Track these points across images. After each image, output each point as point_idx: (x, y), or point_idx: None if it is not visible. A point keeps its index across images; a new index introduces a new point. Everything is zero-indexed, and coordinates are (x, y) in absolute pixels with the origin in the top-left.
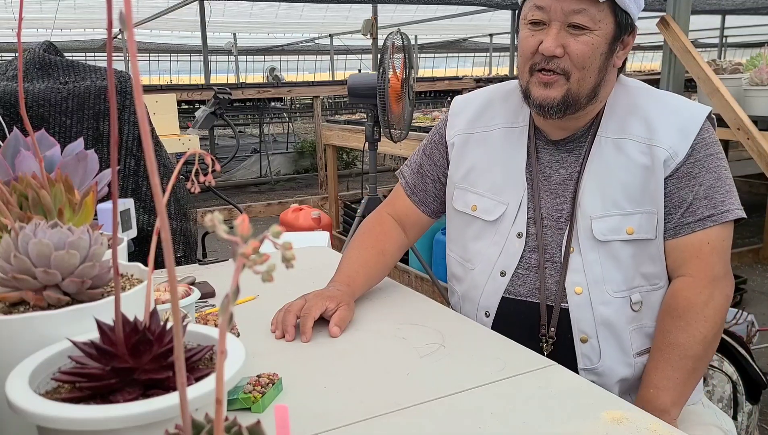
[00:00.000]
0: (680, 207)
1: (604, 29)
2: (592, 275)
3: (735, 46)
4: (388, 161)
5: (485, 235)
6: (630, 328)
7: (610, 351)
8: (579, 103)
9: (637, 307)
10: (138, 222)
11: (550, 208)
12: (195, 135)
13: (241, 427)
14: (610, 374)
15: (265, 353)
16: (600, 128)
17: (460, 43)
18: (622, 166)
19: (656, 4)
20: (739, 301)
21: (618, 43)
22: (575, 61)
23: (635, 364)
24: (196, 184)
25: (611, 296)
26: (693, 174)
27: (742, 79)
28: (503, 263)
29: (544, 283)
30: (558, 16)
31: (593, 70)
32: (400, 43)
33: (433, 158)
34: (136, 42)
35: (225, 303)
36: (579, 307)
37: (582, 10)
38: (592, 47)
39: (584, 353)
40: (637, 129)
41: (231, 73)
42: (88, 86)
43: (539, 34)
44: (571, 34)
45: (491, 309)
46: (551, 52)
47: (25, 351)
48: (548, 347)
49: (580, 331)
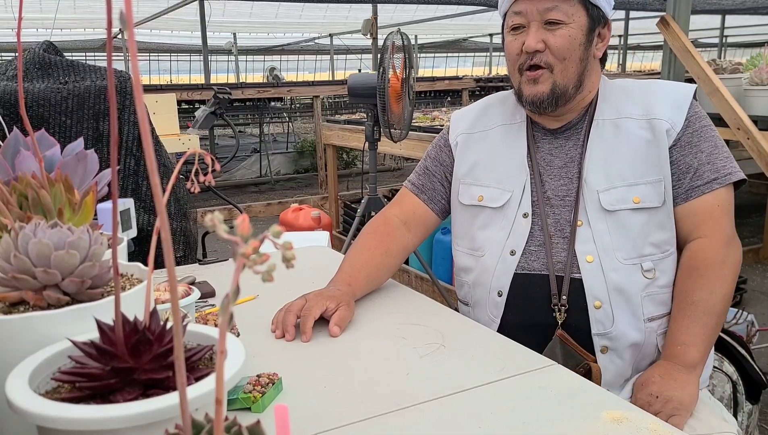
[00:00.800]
0: (687, 172)
1: (578, 21)
2: (602, 244)
3: (735, 46)
4: (388, 161)
5: (492, 223)
6: (642, 295)
7: (623, 316)
8: (567, 94)
9: (649, 275)
10: (138, 222)
11: (556, 189)
12: (195, 135)
13: (241, 427)
14: (622, 338)
15: (265, 353)
16: (596, 113)
17: (460, 43)
18: (623, 142)
19: (656, 4)
20: (739, 301)
21: (594, 34)
22: (556, 53)
23: (646, 329)
24: (196, 184)
25: (621, 263)
26: (693, 142)
27: (742, 79)
28: (512, 243)
29: (552, 257)
30: (535, 17)
31: (574, 60)
32: (400, 43)
33: (439, 159)
34: (136, 42)
35: (225, 303)
36: (591, 274)
37: (555, 6)
38: (570, 39)
39: (597, 319)
40: (634, 109)
41: (231, 73)
42: (88, 86)
43: (521, 37)
44: (548, 30)
45: (503, 288)
46: (533, 48)
47: (25, 351)
48: (561, 316)
49: (594, 298)
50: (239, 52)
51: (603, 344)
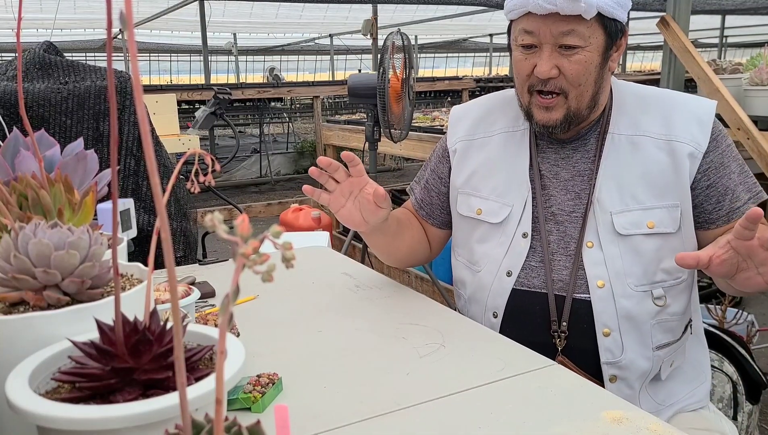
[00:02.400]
0: (726, 194)
1: (595, 43)
2: (614, 269)
3: (735, 46)
4: (388, 161)
5: (491, 237)
6: (651, 323)
7: (632, 344)
8: (581, 116)
9: (660, 302)
10: (138, 222)
11: (562, 204)
12: (195, 135)
13: (241, 427)
14: (632, 367)
15: (265, 353)
16: (610, 126)
17: (460, 43)
18: (639, 162)
19: (656, 4)
20: (739, 301)
21: (611, 51)
22: (571, 80)
23: (654, 358)
24: (196, 184)
25: (633, 290)
26: (725, 163)
27: (742, 79)
28: (509, 263)
29: (553, 275)
30: (548, 39)
31: (590, 84)
32: (400, 43)
33: (437, 172)
34: (136, 42)
35: (225, 303)
36: (602, 300)
37: (571, 31)
38: (586, 64)
39: (607, 347)
40: (653, 126)
41: (231, 73)
42: (88, 86)
43: (532, 57)
44: (563, 54)
45: (499, 309)
46: (546, 76)
47: (25, 351)
48: (561, 342)
49: (603, 325)
50: (239, 53)
51: (612, 373)
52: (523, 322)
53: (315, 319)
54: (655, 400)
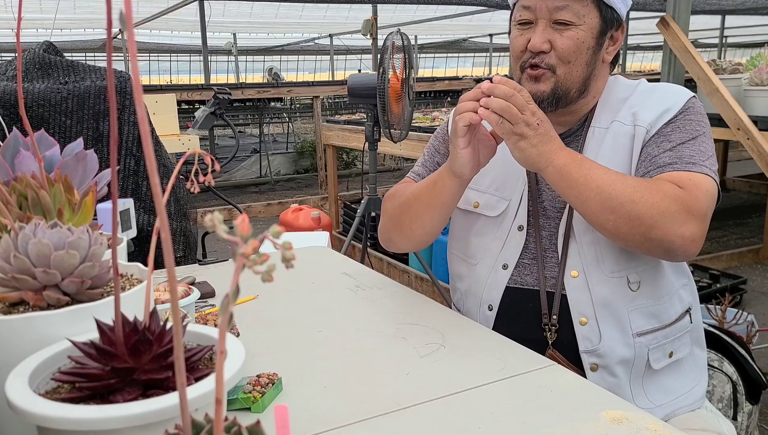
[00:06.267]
0: (644, 161)
1: (589, 23)
2: (588, 257)
3: (735, 46)
4: (388, 161)
5: (488, 231)
6: (629, 308)
7: (610, 332)
8: (569, 97)
9: (635, 287)
10: (138, 222)
11: (552, 200)
12: (195, 135)
13: (241, 427)
14: (611, 355)
15: (265, 353)
16: (593, 120)
17: (460, 43)
18: (608, 149)
19: (656, 4)
20: (739, 301)
21: (605, 37)
22: (561, 55)
23: (635, 345)
24: (196, 184)
25: (608, 276)
26: (665, 133)
27: (742, 79)
28: (505, 256)
29: (544, 272)
30: (543, 14)
31: (580, 64)
32: (400, 43)
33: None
34: (136, 42)
35: (225, 303)
36: (576, 289)
37: (565, 6)
38: (577, 41)
39: (584, 335)
40: (626, 114)
41: (231, 73)
42: (88, 86)
43: (527, 33)
44: (556, 30)
45: (494, 302)
46: (538, 48)
47: (25, 351)
48: (552, 335)
49: (579, 314)
50: (239, 53)
51: (592, 362)
52: (517, 319)
53: (315, 319)
54: (648, 398)
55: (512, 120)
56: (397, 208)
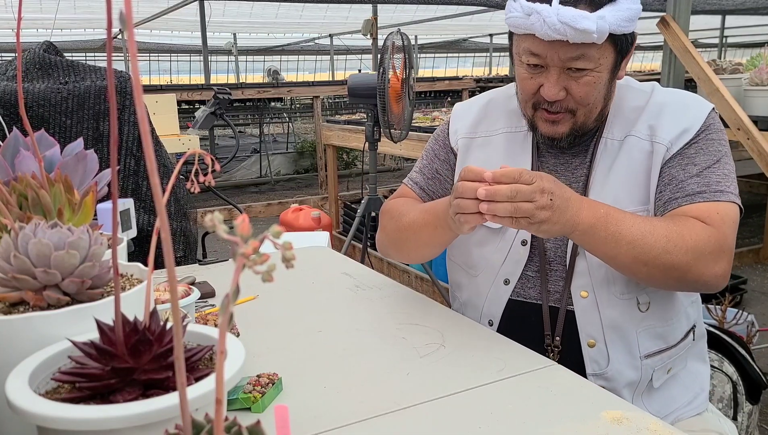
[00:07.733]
0: (669, 184)
1: (605, 63)
2: (598, 277)
3: (735, 46)
4: (388, 161)
5: (490, 242)
6: (637, 330)
7: (618, 354)
8: (587, 128)
9: (644, 308)
10: (138, 222)
11: None
12: (195, 135)
13: (241, 427)
14: (619, 378)
15: (265, 353)
16: (605, 130)
17: (460, 44)
18: (624, 164)
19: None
20: (739, 301)
21: (621, 64)
22: (579, 100)
23: (643, 367)
24: (196, 184)
25: (618, 298)
26: (688, 154)
27: (742, 79)
28: (507, 271)
29: (547, 286)
30: (556, 63)
31: (599, 101)
32: (400, 43)
33: (448, 161)
34: (136, 42)
35: (225, 303)
36: (585, 311)
37: (580, 55)
38: (595, 85)
39: (592, 358)
40: (642, 127)
41: (231, 73)
42: (88, 86)
43: (538, 77)
44: (572, 76)
45: (495, 317)
46: (554, 99)
47: (25, 351)
48: (555, 356)
49: (588, 336)
50: (239, 53)
51: (599, 384)
52: (519, 334)
53: (315, 319)
54: (650, 411)
55: (526, 214)
56: (396, 232)
